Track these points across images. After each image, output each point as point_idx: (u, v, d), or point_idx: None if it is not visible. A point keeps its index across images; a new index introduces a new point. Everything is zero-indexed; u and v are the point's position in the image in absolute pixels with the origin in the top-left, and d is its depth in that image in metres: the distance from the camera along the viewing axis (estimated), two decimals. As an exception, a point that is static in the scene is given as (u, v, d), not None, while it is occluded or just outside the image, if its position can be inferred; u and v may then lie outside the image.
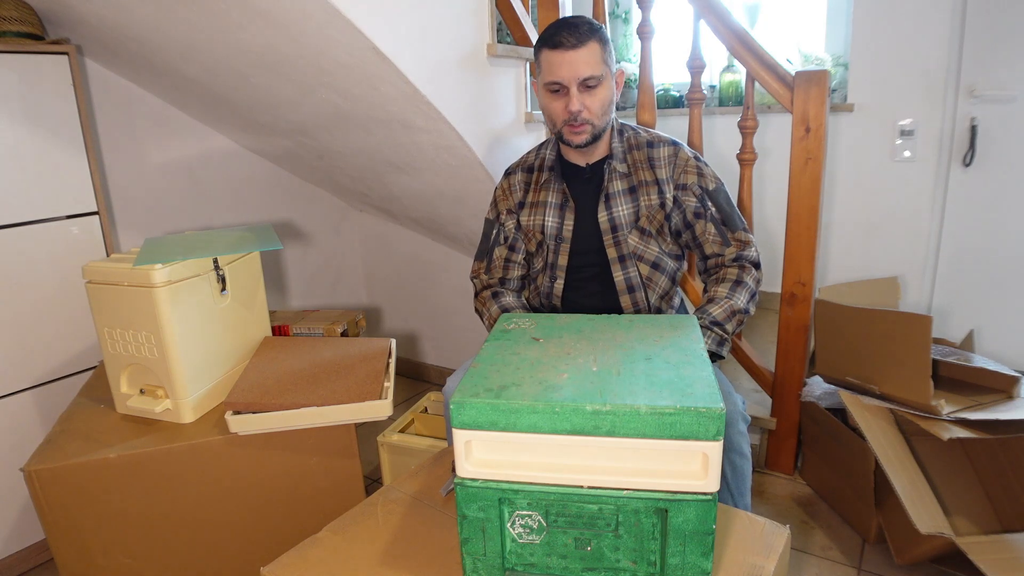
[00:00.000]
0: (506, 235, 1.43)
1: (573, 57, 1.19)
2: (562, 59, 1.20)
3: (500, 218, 1.43)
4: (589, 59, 1.20)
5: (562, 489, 0.72)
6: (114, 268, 1.16)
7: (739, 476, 1.18)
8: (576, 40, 1.19)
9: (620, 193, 1.32)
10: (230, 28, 1.33)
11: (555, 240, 1.36)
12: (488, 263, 1.45)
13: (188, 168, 2.07)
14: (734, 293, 1.26)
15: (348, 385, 1.22)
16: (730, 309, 1.25)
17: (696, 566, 0.72)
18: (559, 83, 1.22)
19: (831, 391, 1.68)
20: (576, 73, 1.20)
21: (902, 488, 1.35)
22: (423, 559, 0.83)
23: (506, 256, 1.43)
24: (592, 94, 1.23)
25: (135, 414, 1.24)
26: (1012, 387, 1.47)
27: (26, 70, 1.47)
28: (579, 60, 1.20)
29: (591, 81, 1.21)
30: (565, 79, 1.21)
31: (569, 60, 1.20)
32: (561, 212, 1.35)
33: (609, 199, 1.32)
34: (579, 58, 1.19)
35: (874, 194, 2.15)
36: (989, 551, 1.28)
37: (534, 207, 1.38)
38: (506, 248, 1.43)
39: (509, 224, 1.42)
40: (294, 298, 2.48)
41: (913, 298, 2.15)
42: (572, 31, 1.20)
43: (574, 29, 1.20)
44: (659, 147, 1.33)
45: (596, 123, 1.25)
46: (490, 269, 1.45)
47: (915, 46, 1.98)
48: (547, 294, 1.40)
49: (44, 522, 1.09)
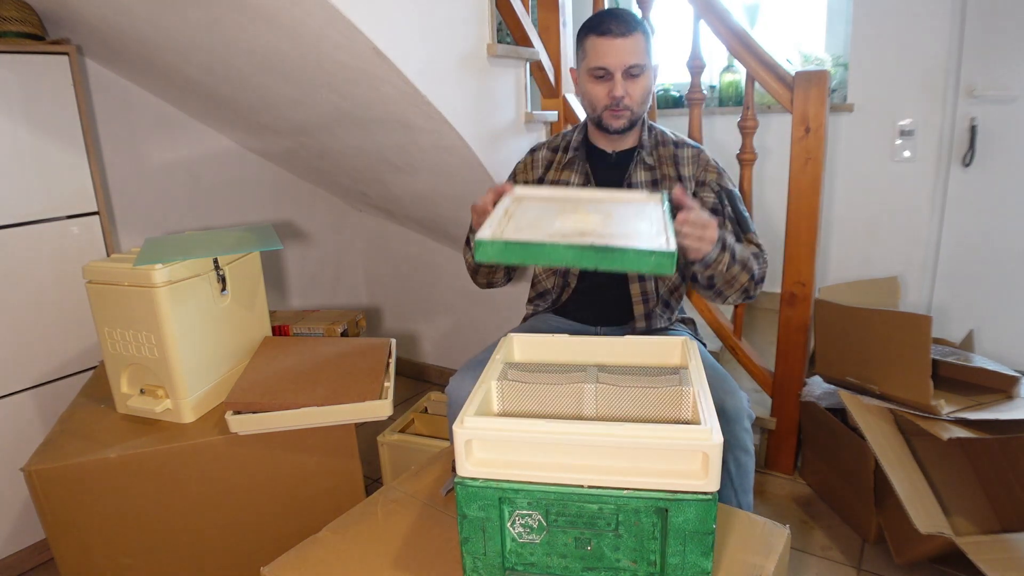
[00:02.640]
0: None
1: (621, 45, 1.23)
2: (610, 46, 1.23)
3: None
4: (635, 48, 1.23)
5: (562, 489, 0.72)
6: (114, 268, 1.16)
7: (743, 473, 1.18)
8: (625, 28, 1.22)
9: (642, 183, 1.35)
10: (230, 28, 1.33)
11: None
12: None
13: (188, 168, 2.07)
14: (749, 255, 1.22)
15: (348, 385, 1.22)
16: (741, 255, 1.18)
17: (696, 566, 0.72)
18: (605, 68, 1.25)
19: (831, 391, 1.68)
20: (623, 60, 1.23)
21: (902, 488, 1.35)
22: (423, 559, 0.83)
23: None
24: (635, 82, 1.26)
25: (135, 414, 1.24)
26: (1012, 387, 1.47)
27: (26, 70, 1.47)
28: (626, 48, 1.23)
29: (635, 69, 1.24)
30: (611, 65, 1.24)
31: (617, 47, 1.23)
32: None
33: (631, 188, 1.34)
34: (626, 46, 1.23)
35: (874, 194, 2.15)
36: (989, 551, 1.28)
37: (554, 185, 1.39)
38: None
39: None
40: (294, 298, 2.48)
41: (913, 298, 2.15)
42: (620, 20, 1.23)
43: (622, 18, 1.23)
44: (684, 148, 1.37)
45: (636, 110, 1.29)
46: None
47: (915, 46, 1.98)
48: (559, 286, 1.42)
49: (44, 522, 1.09)
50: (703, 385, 0.83)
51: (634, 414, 0.86)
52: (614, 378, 0.88)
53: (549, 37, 1.89)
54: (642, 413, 0.86)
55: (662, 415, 0.85)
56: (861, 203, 2.18)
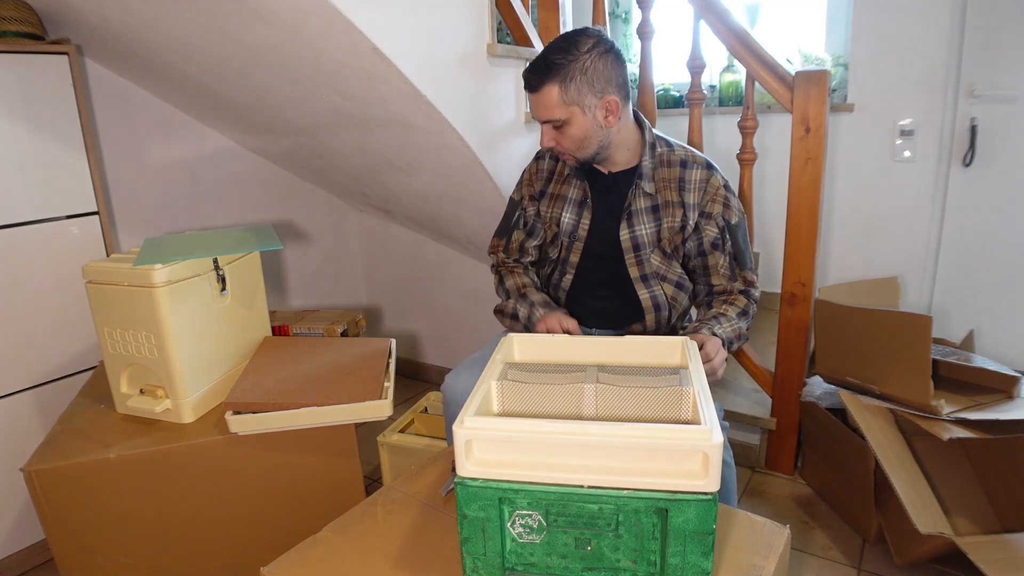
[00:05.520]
0: (526, 220, 1.44)
1: (533, 100, 1.20)
2: (529, 97, 1.21)
3: (523, 202, 1.44)
4: (545, 103, 1.17)
5: (562, 489, 0.72)
6: (114, 268, 1.16)
7: (723, 484, 1.17)
8: (534, 82, 1.17)
9: (643, 211, 1.29)
10: (231, 28, 1.33)
11: (569, 237, 1.35)
12: (507, 243, 1.47)
13: (188, 168, 2.07)
14: (741, 319, 1.27)
15: (348, 385, 1.22)
16: (736, 332, 1.26)
17: (696, 566, 0.71)
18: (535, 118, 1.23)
19: (831, 391, 1.68)
20: (536, 115, 1.21)
21: (902, 488, 1.35)
22: (423, 559, 0.83)
23: (522, 240, 1.45)
24: (562, 132, 1.20)
25: (135, 414, 1.24)
26: (1012, 387, 1.47)
27: (26, 70, 1.47)
28: (536, 103, 1.19)
29: (554, 123, 1.19)
30: (535, 117, 1.22)
31: (532, 102, 1.20)
32: (579, 209, 1.34)
33: (632, 217, 1.29)
34: (536, 101, 1.19)
35: (874, 194, 2.15)
36: (989, 551, 1.28)
37: (554, 199, 1.38)
38: (524, 233, 1.45)
39: (530, 210, 1.43)
40: (294, 298, 2.48)
41: (913, 298, 2.15)
42: (532, 71, 1.17)
43: (534, 68, 1.17)
44: (692, 169, 1.27)
45: (577, 155, 1.24)
46: (508, 249, 1.47)
47: (915, 46, 1.98)
48: (555, 286, 1.41)
49: (44, 522, 1.09)
50: (703, 385, 0.82)
51: (634, 414, 0.86)
52: (614, 378, 0.88)
53: (549, 37, 1.89)
54: (642, 413, 0.86)
55: (662, 415, 0.85)
56: (861, 203, 2.18)
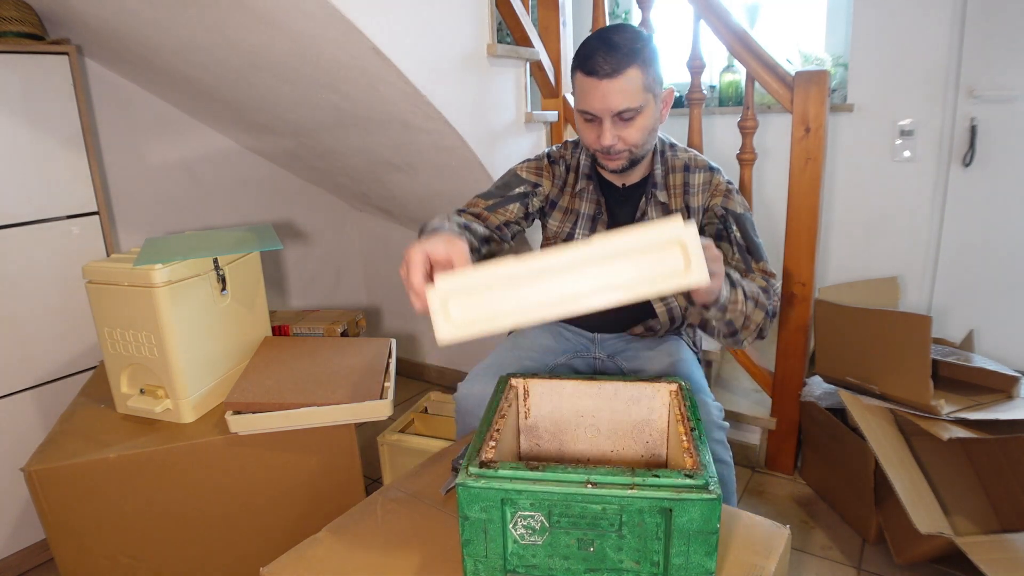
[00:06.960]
0: (525, 205, 1.27)
1: (608, 88, 1.03)
2: (596, 88, 1.04)
3: (532, 191, 1.28)
4: (627, 89, 1.03)
5: (565, 490, 0.72)
6: (114, 268, 1.16)
7: (722, 484, 1.15)
8: (612, 67, 1.02)
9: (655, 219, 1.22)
10: (231, 28, 1.33)
11: None
12: (490, 208, 1.24)
13: (188, 168, 2.06)
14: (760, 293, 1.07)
15: (348, 385, 1.22)
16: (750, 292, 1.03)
17: (700, 566, 0.71)
18: (592, 113, 1.07)
19: (831, 391, 1.68)
20: (609, 106, 1.04)
21: (902, 488, 1.35)
22: (423, 560, 0.83)
23: (507, 219, 1.25)
24: (630, 125, 1.07)
25: (135, 414, 1.24)
26: (1012, 387, 1.47)
27: (26, 70, 1.47)
28: (614, 91, 1.03)
29: (628, 113, 1.05)
30: (598, 110, 1.06)
31: (603, 91, 1.03)
32: (592, 224, 1.27)
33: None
34: (614, 88, 1.03)
35: (874, 194, 2.15)
36: (989, 551, 1.28)
37: (566, 214, 1.28)
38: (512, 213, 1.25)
39: (535, 203, 1.28)
40: (294, 298, 2.48)
41: (913, 298, 2.15)
42: (609, 55, 1.02)
43: (612, 52, 1.02)
44: (696, 173, 1.21)
45: (635, 151, 1.12)
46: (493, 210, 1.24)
47: (915, 46, 1.98)
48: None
49: (44, 522, 1.09)
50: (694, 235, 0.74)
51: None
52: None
53: (549, 37, 1.89)
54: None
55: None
56: (861, 203, 2.18)
